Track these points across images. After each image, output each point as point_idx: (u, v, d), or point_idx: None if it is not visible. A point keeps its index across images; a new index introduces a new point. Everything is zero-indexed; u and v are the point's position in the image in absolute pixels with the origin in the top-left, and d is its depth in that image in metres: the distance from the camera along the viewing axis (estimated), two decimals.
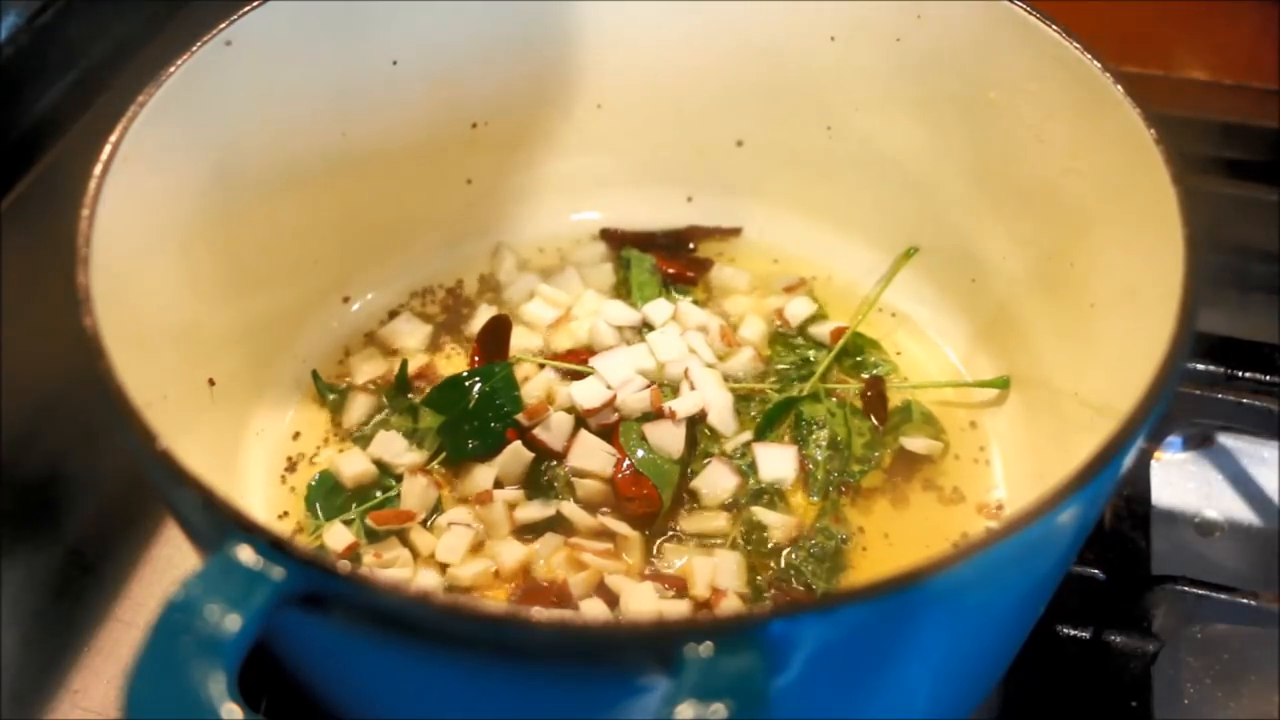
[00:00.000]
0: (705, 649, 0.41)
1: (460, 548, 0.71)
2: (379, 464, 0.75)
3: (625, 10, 0.82)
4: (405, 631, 0.44)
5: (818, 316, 0.85)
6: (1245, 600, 0.73)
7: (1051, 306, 0.74)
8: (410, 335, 0.84)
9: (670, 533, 0.73)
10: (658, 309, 0.83)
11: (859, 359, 0.82)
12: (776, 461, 0.75)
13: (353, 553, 0.71)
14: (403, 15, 0.77)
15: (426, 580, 0.70)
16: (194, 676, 0.41)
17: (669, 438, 0.74)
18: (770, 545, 0.72)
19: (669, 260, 0.88)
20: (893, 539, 0.73)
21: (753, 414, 0.78)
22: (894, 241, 0.86)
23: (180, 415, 0.65)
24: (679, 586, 0.69)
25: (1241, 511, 0.85)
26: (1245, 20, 1.00)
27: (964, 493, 0.76)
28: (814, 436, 0.77)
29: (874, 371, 0.82)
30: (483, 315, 0.84)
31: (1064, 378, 0.72)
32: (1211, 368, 0.85)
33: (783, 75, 0.83)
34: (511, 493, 0.74)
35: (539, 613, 0.42)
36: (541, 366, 0.79)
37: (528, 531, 0.73)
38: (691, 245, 0.90)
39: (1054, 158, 0.72)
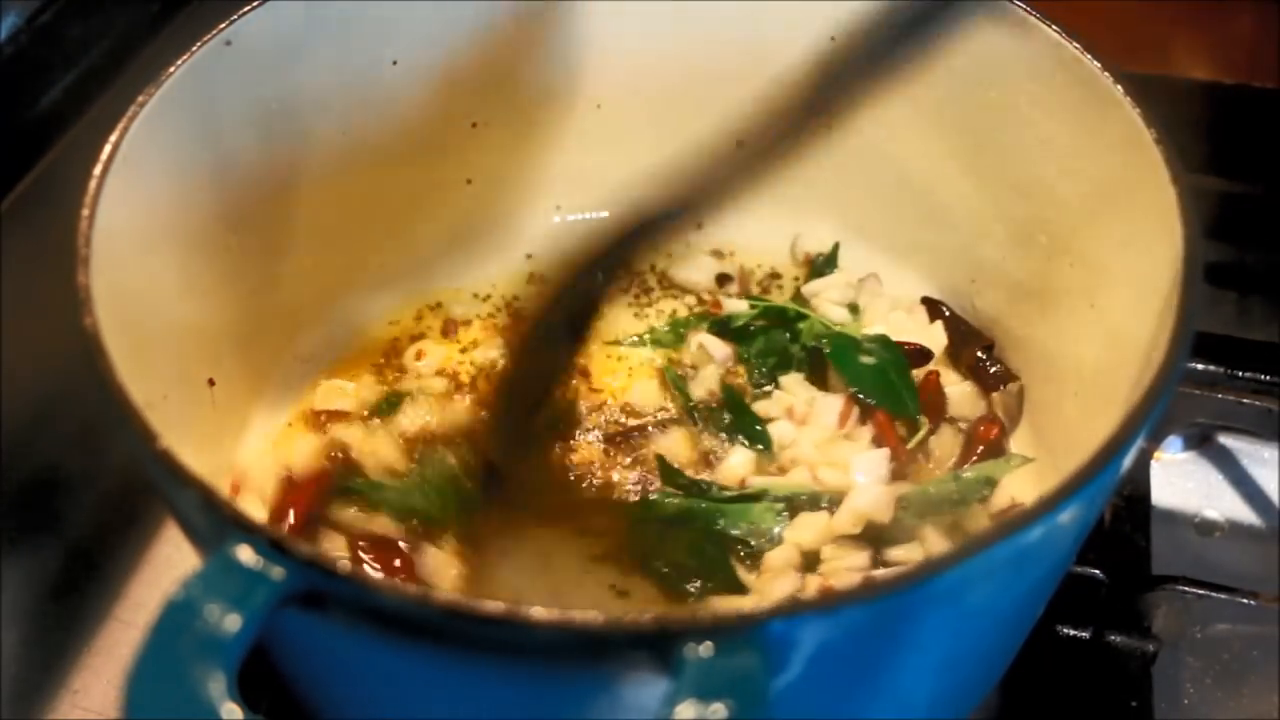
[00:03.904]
0: (705, 649, 0.41)
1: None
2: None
3: (625, 10, 0.82)
4: (405, 631, 0.44)
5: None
6: (1245, 600, 0.73)
7: (1051, 306, 0.74)
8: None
9: None
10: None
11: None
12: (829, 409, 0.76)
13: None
14: (403, 15, 0.77)
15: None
16: (194, 677, 0.41)
17: None
18: None
19: None
20: None
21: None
22: (894, 241, 0.86)
23: (180, 415, 0.65)
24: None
25: (1241, 511, 0.84)
26: (1245, 20, 1.00)
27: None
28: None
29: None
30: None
31: (1064, 377, 0.72)
32: (1211, 368, 0.85)
33: (782, 75, 0.83)
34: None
35: (539, 612, 0.42)
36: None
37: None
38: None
39: (1054, 158, 0.72)
